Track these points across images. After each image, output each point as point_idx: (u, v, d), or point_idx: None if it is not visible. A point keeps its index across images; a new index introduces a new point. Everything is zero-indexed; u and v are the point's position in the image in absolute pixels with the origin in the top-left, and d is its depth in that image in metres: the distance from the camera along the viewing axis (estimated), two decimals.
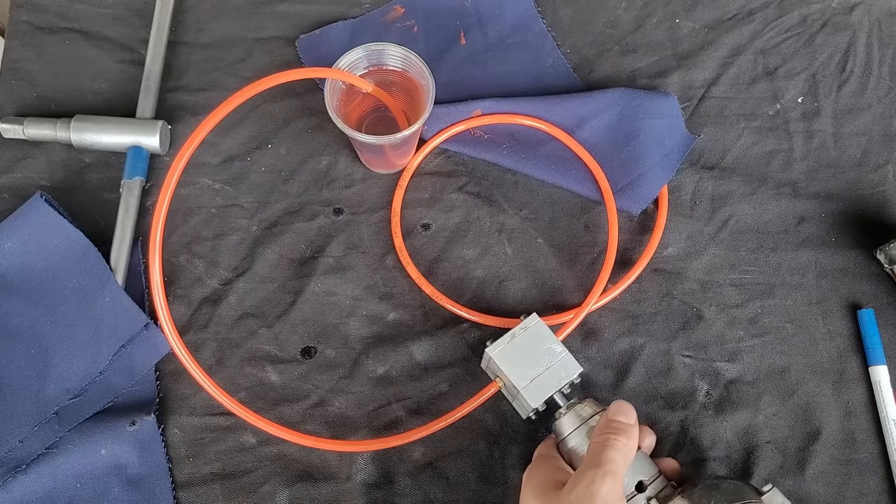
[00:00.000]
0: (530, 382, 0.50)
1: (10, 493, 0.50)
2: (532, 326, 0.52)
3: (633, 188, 0.61)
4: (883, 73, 0.69)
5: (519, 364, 0.51)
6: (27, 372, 0.53)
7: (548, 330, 0.52)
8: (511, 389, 0.52)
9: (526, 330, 0.52)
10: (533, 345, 0.52)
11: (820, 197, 0.64)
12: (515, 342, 0.52)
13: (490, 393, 0.54)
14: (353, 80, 0.56)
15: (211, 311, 0.57)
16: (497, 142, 0.64)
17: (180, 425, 0.54)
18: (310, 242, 0.60)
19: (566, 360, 0.51)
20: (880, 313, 0.59)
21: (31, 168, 0.61)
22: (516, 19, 0.69)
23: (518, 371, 0.51)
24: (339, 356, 0.57)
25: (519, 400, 0.52)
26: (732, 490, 0.45)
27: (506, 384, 0.52)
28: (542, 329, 0.52)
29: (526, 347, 0.52)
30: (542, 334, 0.52)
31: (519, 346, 0.52)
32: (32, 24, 0.66)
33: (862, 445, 0.56)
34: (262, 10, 0.68)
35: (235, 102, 0.52)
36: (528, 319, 0.53)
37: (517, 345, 0.52)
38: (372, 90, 0.57)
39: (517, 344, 0.52)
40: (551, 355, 0.51)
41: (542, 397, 0.50)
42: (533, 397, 0.50)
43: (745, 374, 0.58)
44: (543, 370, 0.51)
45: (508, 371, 0.51)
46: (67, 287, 0.55)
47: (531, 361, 0.51)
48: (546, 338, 0.52)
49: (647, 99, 0.64)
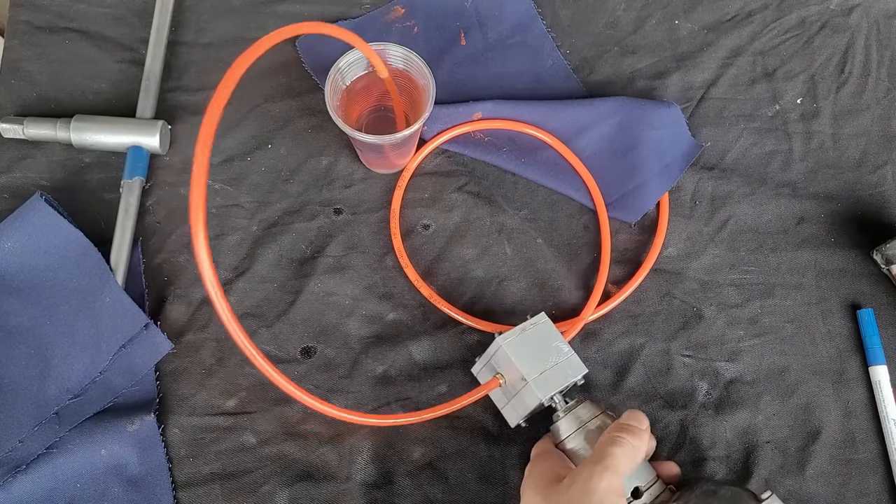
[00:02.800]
0: (539, 375, 0.50)
1: (10, 493, 0.50)
2: (541, 324, 0.52)
3: (630, 198, 0.61)
4: (881, 75, 0.69)
5: (529, 356, 0.51)
6: (27, 372, 0.53)
7: (555, 329, 0.52)
8: (515, 384, 0.51)
9: (535, 326, 0.52)
10: (542, 341, 0.51)
11: (819, 197, 0.64)
12: (525, 335, 0.51)
13: (489, 389, 0.53)
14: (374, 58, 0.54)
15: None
16: (497, 144, 0.64)
17: (180, 425, 0.54)
18: (310, 242, 0.60)
19: (573, 360, 0.51)
20: (880, 313, 0.60)
21: (31, 168, 0.61)
22: (516, 20, 0.69)
23: (528, 362, 0.50)
24: (338, 356, 0.57)
25: (519, 397, 0.51)
26: (730, 497, 0.44)
27: (509, 380, 0.52)
28: (549, 328, 0.52)
29: (535, 342, 0.51)
30: (550, 332, 0.52)
31: (528, 340, 0.51)
32: (32, 24, 0.66)
33: (862, 445, 0.56)
34: (262, 10, 0.68)
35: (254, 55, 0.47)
36: (537, 317, 0.53)
37: (527, 338, 0.51)
38: (386, 78, 0.56)
39: (527, 337, 0.51)
40: (559, 353, 0.51)
41: (550, 392, 0.50)
42: (542, 390, 0.49)
43: (744, 373, 0.58)
44: (552, 366, 0.50)
45: (518, 361, 0.50)
46: (67, 287, 0.55)
47: (540, 356, 0.51)
48: (554, 336, 0.52)
49: (649, 109, 0.64)
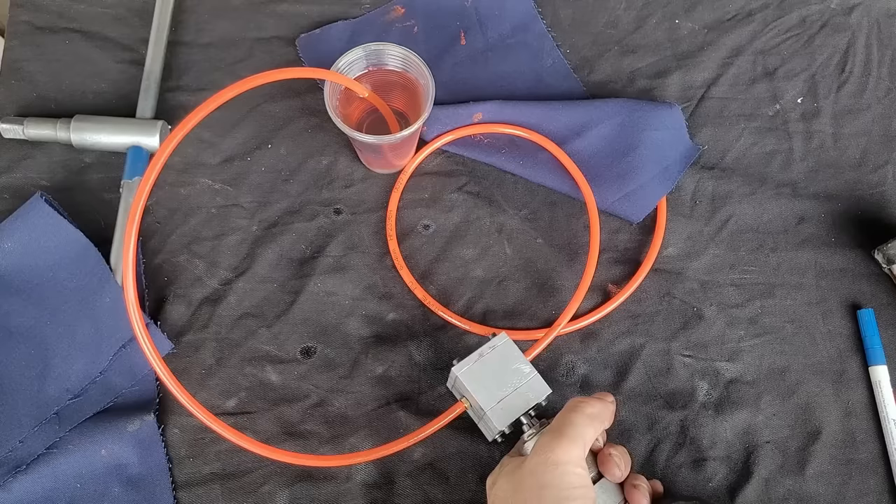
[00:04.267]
0: (497, 403, 0.49)
1: (10, 493, 0.50)
2: (500, 346, 0.51)
3: (630, 200, 0.61)
4: (882, 74, 0.69)
5: (486, 384, 0.49)
6: (27, 372, 0.53)
7: (517, 349, 0.51)
8: (477, 410, 0.50)
9: (494, 349, 0.51)
10: (501, 365, 0.50)
11: (820, 197, 0.64)
12: (483, 361, 0.50)
13: (454, 414, 0.52)
14: (350, 83, 0.55)
15: (211, 311, 0.57)
16: (496, 146, 0.64)
17: (180, 425, 0.54)
18: (310, 242, 0.60)
19: (534, 382, 0.50)
20: (880, 313, 0.59)
21: (31, 168, 0.61)
22: (516, 20, 0.69)
23: (485, 391, 0.49)
24: (338, 356, 0.57)
25: (485, 421, 0.50)
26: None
27: (472, 405, 0.51)
28: (510, 349, 0.51)
29: (494, 367, 0.50)
30: (510, 354, 0.51)
31: (486, 366, 0.50)
32: (32, 24, 0.66)
33: (862, 445, 0.56)
34: (262, 10, 0.68)
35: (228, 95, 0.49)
36: (496, 338, 0.51)
37: (484, 364, 0.50)
38: (368, 96, 0.57)
39: (485, 363, 0.50)
40: (519, 376, 0.50)
41: (509, 419, 0.48)
42: (499, 419, 0.48)
43: (745, 373, 0.58)
44: (511, 391, 0.49)
45: (475, 391, 0.49)
46: (67, 287, 0.55)
47: (499, 382, 0.49)
48: (515, 357, 0.51)
49: (650, 110, 0.64)
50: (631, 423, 0.56)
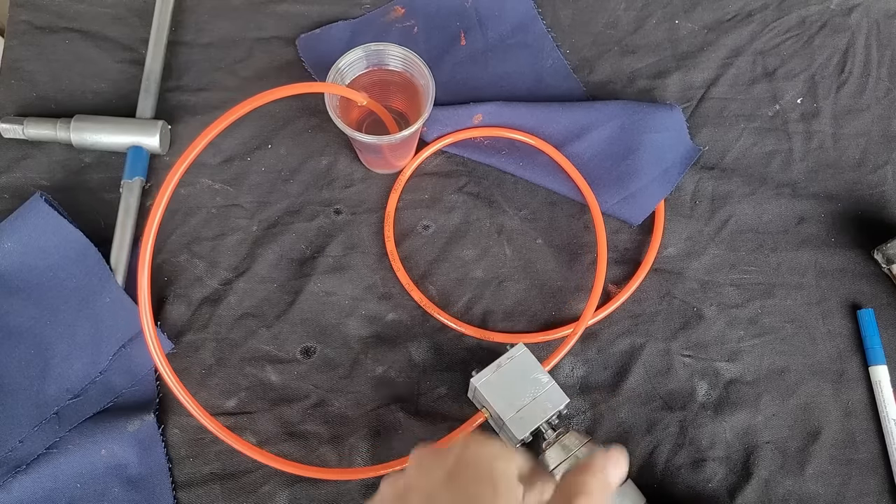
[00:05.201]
0: (516, 413, 0.50)
1: (10, 493, 0.50)
2: (518, 356, 0.52)
3: (630, 202, 0.61)
4: (882, 75, 0.69)
5: (505, 395, 0.50)
6: (27, 372, 0.53)
7: (534, 360, 0.52)
8: (497, 420, 0.51)
9: (512, 360, 0.52)
10: (519, 375, 0.51)
11: (819, 197, 0.64)
12: (501, 372, 0.51)
13: (476, 424, 0.53)
14: (348, 93, 0.55)
15: (211, 311, 0.57)
16: (496, 147, 0.64)
17: (180, 425, 0.54)
18: (310, 242, 0.60)
19: (552, 391, 0.51)
20: (880, 313, 0.59)
21: (31, 168, 0.61)
22: (516, 20, 0.69)
23: (504, 402, 0.50)
24: (338, 356, 0.57)
25: (505, 431, 0.51)
26: None
27: (492, 414, 0.52)
28: (528, 359, 0.52)
29: (512, 378, 0.51)
30: (528, 364, 0.51)
31: (505, 377, 0.51)
32: (32, 24, 0.66)
33: (862, 445, 0.56)
34: (262, 10, 0.68)
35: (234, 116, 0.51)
36: (514, 349, 0.52)
37: (503, 375, 0.51)
38: (367, 103, 0.57)
39: (503, 374, 0.51)
40: (537, 386, 0.51)
41: (528, 429, 0.49)
42: (518, 429, 0.49)
43: (744, 374, 0.58)
44: (529, 401, 0.50)
45: (494, 402, 0.50)
46: (67, 287, 0.55)
47: (517, 392, 0.50)
48: (532, 367, 0.51)
49: (650, 112, 0.64)
50: (630, 424, 0.56)
